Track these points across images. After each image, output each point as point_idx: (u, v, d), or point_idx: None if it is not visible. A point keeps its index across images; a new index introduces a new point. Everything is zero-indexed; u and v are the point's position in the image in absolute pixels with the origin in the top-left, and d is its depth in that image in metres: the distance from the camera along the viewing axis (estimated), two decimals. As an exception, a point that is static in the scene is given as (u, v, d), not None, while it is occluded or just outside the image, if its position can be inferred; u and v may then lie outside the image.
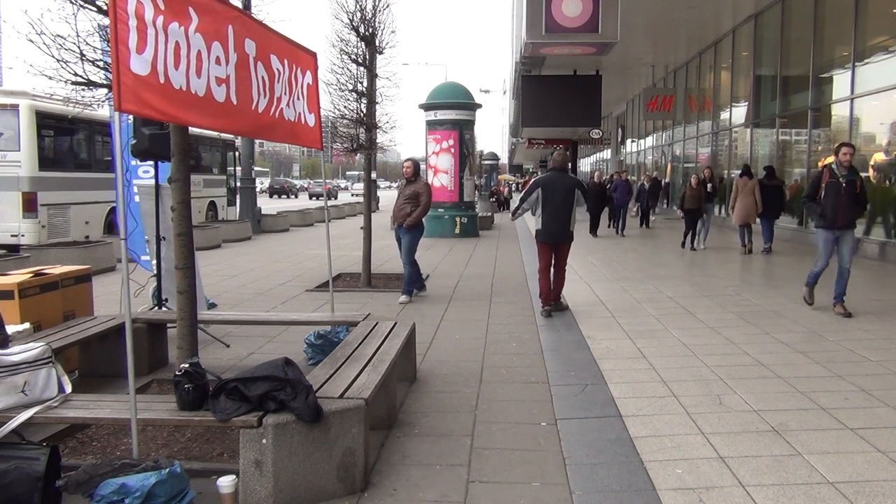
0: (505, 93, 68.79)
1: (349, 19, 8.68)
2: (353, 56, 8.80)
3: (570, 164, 7.47)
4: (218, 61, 3.59)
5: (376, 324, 4.92)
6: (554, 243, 7.23)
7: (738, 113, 18.71)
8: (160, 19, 3.12)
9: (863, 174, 12.07)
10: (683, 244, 13.30)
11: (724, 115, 19.85)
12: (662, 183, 18.54)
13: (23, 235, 11.85)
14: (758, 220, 12.13)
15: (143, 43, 3.00)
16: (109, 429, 3.97)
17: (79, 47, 3.68)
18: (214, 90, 3.57)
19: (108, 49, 3.46)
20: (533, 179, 7.68)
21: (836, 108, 13.37)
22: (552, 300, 7.26)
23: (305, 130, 5.06)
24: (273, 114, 4.38)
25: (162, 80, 3.14)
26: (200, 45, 3.43)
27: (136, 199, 6.81)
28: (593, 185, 16.85)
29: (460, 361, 5.46)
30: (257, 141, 23.72)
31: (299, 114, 4.91)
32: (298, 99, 4.86)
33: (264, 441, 3.01)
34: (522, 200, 7.39)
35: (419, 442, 3.82)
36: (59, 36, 3.63)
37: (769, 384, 4.69)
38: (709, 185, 13.36)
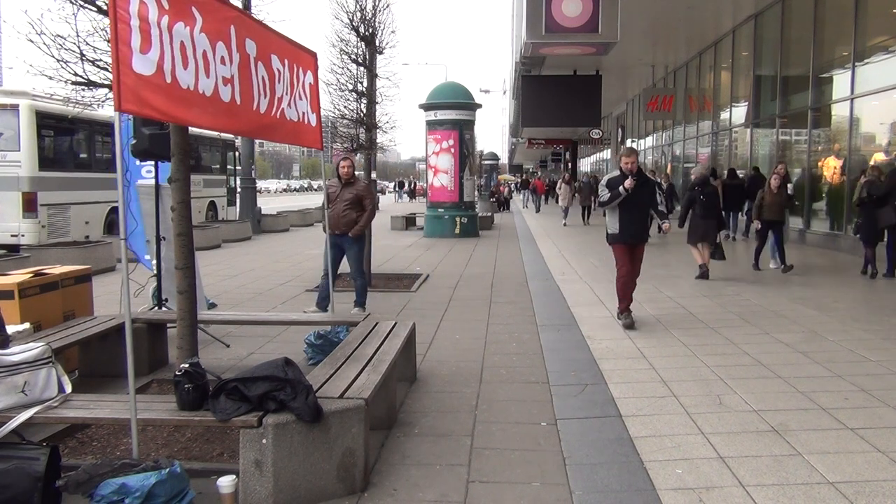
0: (505, 93, 68.79)
1: (349, 19, 8.68)
2: (353, 56, 8.81)
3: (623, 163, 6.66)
4: (223, 61, 3.60)
5: (376, 324, 4.92)
6: None
7: (738, 113, 18.71)
8: (165, 19, 3.13)
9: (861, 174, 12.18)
10: (757, 265, 10.25)
11: (724, 115, 19.85)
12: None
13: (23, 235, 11.85)
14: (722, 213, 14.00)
15: (146, 43, 3.00)
16: (109, 429, 3.97)
17: (79, 47, 3.68)
18: (221, 90, 3.58)
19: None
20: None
21: (836, 108, 13.37)
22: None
23: (307, 130, 5.07)
24: (274, 114, 4.38)
25: (169, 80, 3.14)
26: (206, 44, 3.44)
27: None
28: None
29: (460, 361, 5.46)
30: (257, 141, 23.75)
31: (302, 113, 4.91)
32: (300, 99, 4.86)
33: (264, 441, 3.01)
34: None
35: (419, 442, 3.82)
36: (59, 36, 3.63)
37: (769, 384, 4.69)
38: (789, 187, 10.39)
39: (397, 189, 52.72)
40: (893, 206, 8.82)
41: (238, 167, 19.79)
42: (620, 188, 6.39)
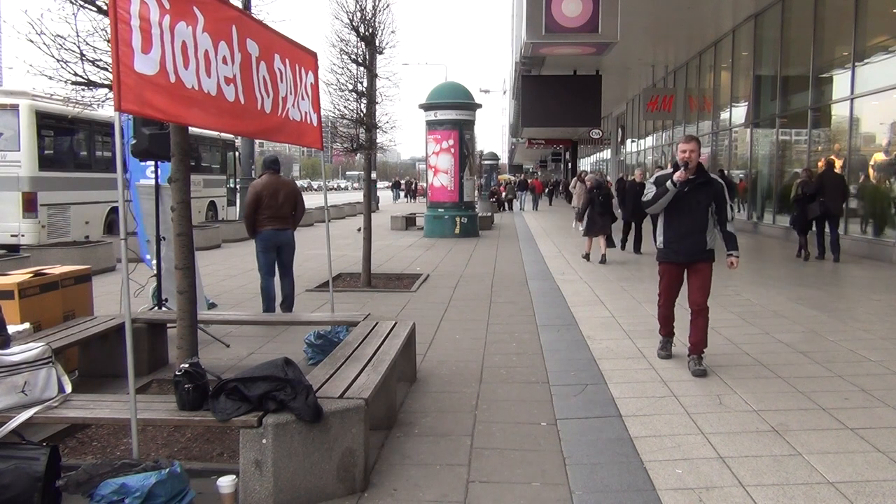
0: (505, 93, 68.80)
1: (349, 19, 8.68)
2: (353, 56, 8.80)
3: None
4: (225, 61, 3.61)
5: (376, 324, 4.92)
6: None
7: (738, 113, 18.72)
8: (166, 19, 3.13)
9: (861, 174, 12.23)
10: None
11: (724, 115, 19.86)
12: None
13: (23, 235, 11.85)
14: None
15: (147, 43, 3.00)
16: (109, 429, 3.97)
17: (79, 47, 3.67)
18: (224, 90, 3.58)
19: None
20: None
21: (836, 108, 13.38)
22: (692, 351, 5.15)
23: (309, 130, 5.08)
24: (280, 115, 4.39)
25: (172, 80, 3.15)
26: (208, 44, 3.44)
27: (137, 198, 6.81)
28: (633, 187, 12.41)
29: (460, 361, 5.46)
30: (257, 141, 23.78)
31: (305, 113, 4.92)
32: (303, 99, 4.87)
33: (264, 441, 3.01)
34: None
35: (419, 442, 3.82)
36: (59, 36, 3.62)
37: (769, 384, 4.69)
38: None
39: (393, 189, 52.34)
40: (820, 203, 10.66)
41: (238, 167, 19.80)
42: (668, 182, 4.94)
